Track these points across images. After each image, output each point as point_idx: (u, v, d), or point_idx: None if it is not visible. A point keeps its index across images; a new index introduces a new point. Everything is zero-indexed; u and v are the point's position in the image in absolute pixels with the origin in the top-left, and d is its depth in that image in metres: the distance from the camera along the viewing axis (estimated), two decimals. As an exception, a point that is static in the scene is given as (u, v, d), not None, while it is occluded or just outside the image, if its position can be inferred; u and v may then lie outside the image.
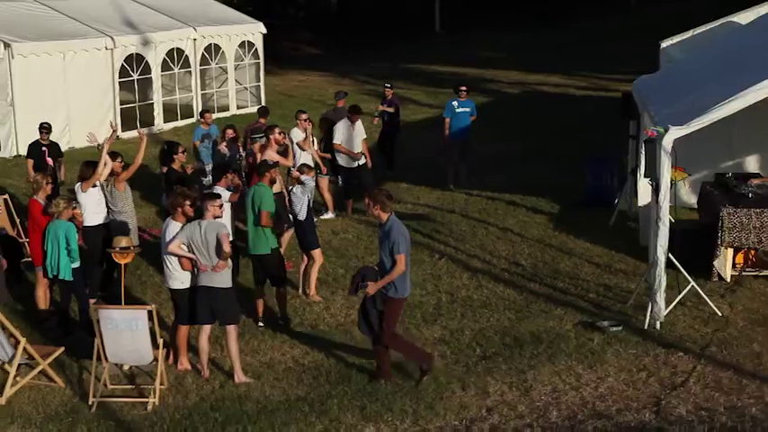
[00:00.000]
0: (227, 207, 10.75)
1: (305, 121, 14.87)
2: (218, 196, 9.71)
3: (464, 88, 17.25)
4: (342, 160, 15.48)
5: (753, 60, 11.86)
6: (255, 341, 10.40)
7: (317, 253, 11.57)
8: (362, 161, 15.44)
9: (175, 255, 9.36)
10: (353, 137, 15.35)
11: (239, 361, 9.49)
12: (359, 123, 15.48)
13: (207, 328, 9.52)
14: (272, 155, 12.95)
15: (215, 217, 9.41)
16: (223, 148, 14.89)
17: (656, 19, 36.22)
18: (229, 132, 15.12)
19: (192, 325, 9.69)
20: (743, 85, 10.44)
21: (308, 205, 11.44)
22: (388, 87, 18.61)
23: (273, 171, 11.29)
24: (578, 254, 13.12)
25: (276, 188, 11.87)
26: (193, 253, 9.31)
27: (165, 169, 13.14)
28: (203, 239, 9.26)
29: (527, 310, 11.16)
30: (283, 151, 13.60)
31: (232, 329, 9.42)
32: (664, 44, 15.33)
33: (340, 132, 15.33)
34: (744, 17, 14.83)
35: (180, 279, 9.55)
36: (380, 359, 9.38)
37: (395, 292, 9.14)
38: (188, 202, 9.61)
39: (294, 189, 11.43)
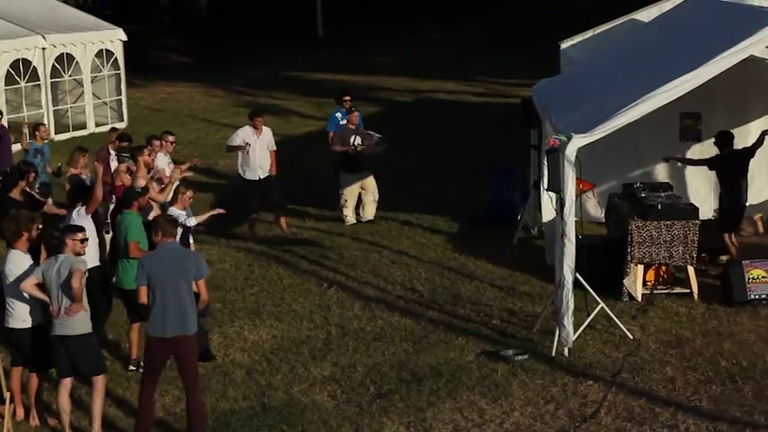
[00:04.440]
0: (93, 243, 10.56)
1: (172, 143, 14.57)
2: (81, 229, 9.42)
3: (348, 98, 17.13)
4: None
5: (657, 60, 12.24)
6: (120, 389, 10.16)
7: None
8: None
9: (31, 294, 9.07)
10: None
11: (100, 419, 9.19)
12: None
13: (66, 383, 9.20)
14: (141, 181, 12.69)
15: (75, 253, 9.17)
16: (76, 170, 14.30)
17: (556, 18, 37.03)
18: (83, 159, 14.38)
19: (27, 368, 9.43)
20: (648, 88, 10.72)
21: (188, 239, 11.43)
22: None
23: (142, 199, 11.19)
24: (480, 277, 13.28)
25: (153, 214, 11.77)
26: (48, 295, 9.04)
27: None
28: (57, 276, 8.99)
29: (425, 340, 11.23)
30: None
31: (99, 380, 9.15)
32: (563, 45, 15.65)
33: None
34: (646, 14, 15.28)
35: (21, 317, 9.25)
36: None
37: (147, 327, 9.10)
38: (35, 226, 9.43)
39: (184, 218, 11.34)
